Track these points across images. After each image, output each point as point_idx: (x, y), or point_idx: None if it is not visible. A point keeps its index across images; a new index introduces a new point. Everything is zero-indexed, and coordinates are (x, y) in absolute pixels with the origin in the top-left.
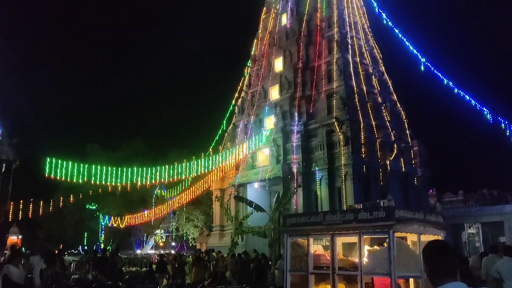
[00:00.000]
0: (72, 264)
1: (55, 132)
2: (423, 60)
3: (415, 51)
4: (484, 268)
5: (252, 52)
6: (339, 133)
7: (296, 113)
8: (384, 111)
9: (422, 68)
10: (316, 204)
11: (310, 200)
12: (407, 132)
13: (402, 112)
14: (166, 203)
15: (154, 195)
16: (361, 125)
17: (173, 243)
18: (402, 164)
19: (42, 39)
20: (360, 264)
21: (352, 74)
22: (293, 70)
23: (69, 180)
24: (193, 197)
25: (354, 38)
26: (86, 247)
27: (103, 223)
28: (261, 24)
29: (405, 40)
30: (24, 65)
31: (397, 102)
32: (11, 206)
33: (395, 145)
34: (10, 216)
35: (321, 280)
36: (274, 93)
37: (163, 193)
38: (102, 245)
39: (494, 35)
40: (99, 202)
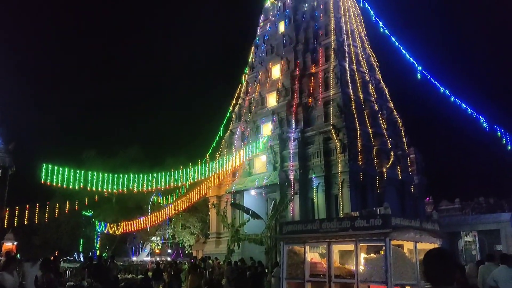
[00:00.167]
0: (68, 271)
1: (52, 138)
2: (420, 68)
3: (412, 59)
4: (481, 277)
5: (250, 59)
6: (336, 141)
7: (293, 120)
8: (381, 119)
9: (419, 76)
10: (313, 212)
11: (307, 208)
12: (404, 140)
13: (399, 120)
14: (163, 210)
15: (150, 202)
16: (358, 133)
17: (169, 250)
18: (399, 172)
19: (38, 45)
20: (357, 272)
21: (349, 82)
22: (290, 77)
23: (65, 187)
24: (190, 204)
25: (351, 46)
26: (82, 254)
27: (99, 230)
28: (259, 32)
29: (402, 48)
30: (21, 72)
31: (394, 110)
32: (7, 212)
33: (392, 153)
34: (6, 223)
35: None
36: (271, 100)
37: (160, 200)
38: (98, 252)
39: (490, 44)
40: (95, 209)
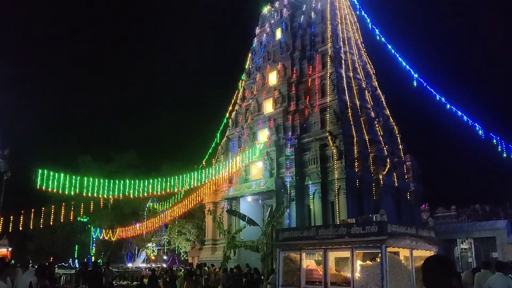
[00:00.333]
0: (62, 278)
1: (48, 144)
2: (416, 76)
3: (408, 67)
4: (477, 284)
5: (247, 66)
6: (332, 147)
7: (290, 127)
8: (377, 126)
9: (415, 84)
10: (309, 218)
11: (303, 214)
12: (400, 147)
13: (395, 127)
14: (158, 216)
15: (146, 208)
16: (354, 140)
17: (165, 257)
18: (395, 179)
19: (33, 50)
20: (353, 279)
21: (346, 89)
22: (287, 84)
23: (61, 192)
24: (186, 211)
25: (348, 53)
26: (77, 260)
27: (95, 236)
28: (256, 38)
29: (398, 56)
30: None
31: (390, 117)
32: (1, 218)
33: (388, 160)
34: (0, 228)
35: None
36: (268, 107)
37: (155, 206)
38: (93, 258)
39: (486, 52)
40: (91, 215)
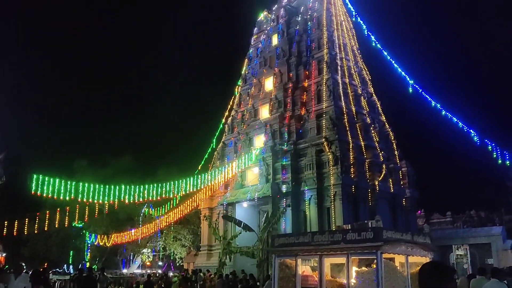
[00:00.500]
0: (57, 284)
1: (43, 148)
2: (411, 82)
3: (403, 73)
4: None
5: (243, 71)
6: (328, 153)
7: (286, 133)
8: (373, 132)
9: (410, 90)
10: (305, 224)
11: (299, 220)
12: (396, 153)
13: (391, 133)
14: (154, 222)
15: (142, 214)
16: (350, 145)
17: (160, 263)
18: (391, 185)
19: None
20: (348, 285)
21: (342, 95)
22: (283, 90)
23: (56, 198)
24: (181, 216)
25: (344, 60)
26: (72, 266)
27: (89, 242)
28: (252, 44)
29: (394, 62)
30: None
31: (386, 123)
32: None
33: (384, 166)
34: None
35: None
36: (264, 112)
37: (151, 212)
38: (88, 264)
39: (481, 58)
40: (86, 220)
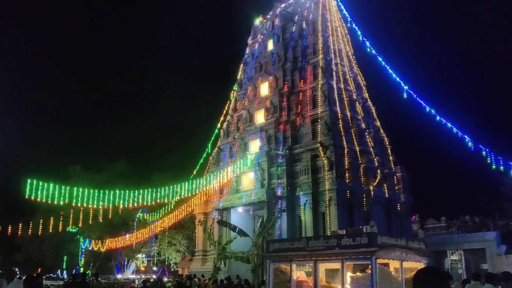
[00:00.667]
0: None
1: (37, 153)
2: (406, 88)
3: (398, 79)
4: None
5: (238, 76)
6: (324, 158)
7: (281, 138)
8: (368, 137)
9: (405, 96)
10: (300, 229)
11: (295, 225)
12: (390, 158)
13: (385, 138)
14: (148, 227)
15: (136, 219)
16: (345, 151)
17: (155, 268)
18: (386, 190)
19: (23, 59)
20: None
21: (337, 100)
22: (279, 95)
23: (50, 202)
24: (176, 221)
25: (339, 65)
26: (66, 271)
27: (83, 247)
28: (248, 49)
29: (388, 68)
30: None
31: (381, 128)
32: None
33: (379, 171)
34: None
35: None
36: (260, 117)
37: (146, 217)
38: (82, 269)
39: (476, 64)
40: (80, 225)
